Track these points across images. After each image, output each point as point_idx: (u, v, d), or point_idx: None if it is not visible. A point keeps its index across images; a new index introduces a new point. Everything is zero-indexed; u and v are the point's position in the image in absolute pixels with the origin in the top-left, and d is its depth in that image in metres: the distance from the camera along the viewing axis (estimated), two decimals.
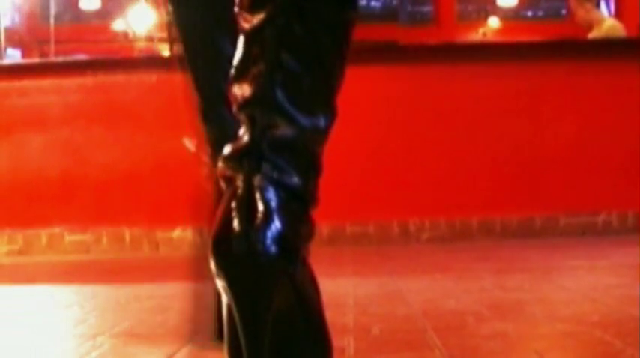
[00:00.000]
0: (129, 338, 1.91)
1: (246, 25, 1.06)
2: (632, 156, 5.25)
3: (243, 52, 1.06)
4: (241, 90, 1.04)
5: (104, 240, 5.35)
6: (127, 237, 5.33)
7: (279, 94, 1.02)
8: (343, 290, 2.68)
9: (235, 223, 0.95)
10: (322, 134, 1.06)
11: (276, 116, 1.02)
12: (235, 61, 1.06)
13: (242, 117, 1.04)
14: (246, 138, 1.02)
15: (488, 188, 5.35)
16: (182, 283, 3.41)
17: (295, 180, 1.01)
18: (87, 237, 5.36)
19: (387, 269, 2.99)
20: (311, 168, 1.05)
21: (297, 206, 1.01)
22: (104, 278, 3.94)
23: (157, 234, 5.32)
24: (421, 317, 2.08)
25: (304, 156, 1.03)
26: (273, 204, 0.97)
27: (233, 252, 0.94)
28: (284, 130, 1.01)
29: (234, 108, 1.05)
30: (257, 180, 0.98)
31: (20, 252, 5.36)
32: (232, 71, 1.06)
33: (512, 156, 5.38)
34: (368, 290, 2.28)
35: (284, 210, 0.97)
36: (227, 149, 1.03)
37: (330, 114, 1.07)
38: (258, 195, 0.96)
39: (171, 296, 2.82)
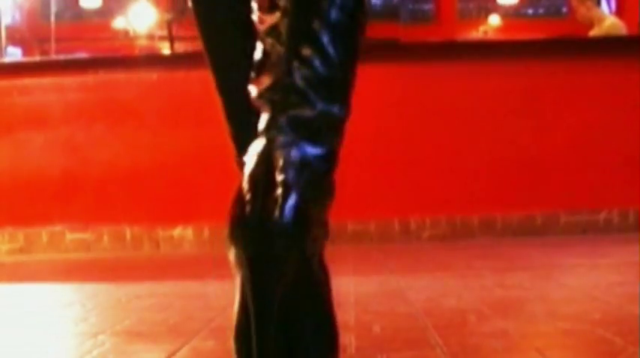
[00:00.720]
0: (130, 337, 1.91)
1: (262, 26, 1.11)
2: (633, 153, 5.24)
3: (260, 50, 1.11)
4: (260, 83, 1.09)
5: (105, 238, 5.35)
6: (128, 236, 5.33)
7: (297, 78, 1.07)
8: (344, 289, 2.68)
9: (252, 199, 1.01)
10: (338, 122, 1.10)
11: (295, 97, 1.07)
12: (254, 60, 1.11)
13: (262, 103, 1.09)
14: (265, 118, 1.07)
15: (489, 186, 5.35)
16: (182, 281, 3.41)
17: (311, 161, 1.06)
18: (88, 235, 5.36)
19: (388, 268, 2.99)
20: (329, 156, 1.09)
21: (312, 191, 1.06)
22: (105, 276, 3.94)
23: (158, 232, 5.32)
24: (422, 316, 2.07)
25: (322, 140, 1.08)
26: (289, 183, 1.02)
27: (249, 225, 1.00)
28: (303, 111, 1.06)
29: (254, 99, 1.09)
30: (275, 157, 1.04)
31: (21, 251, 5.37)
32: (251, 72, 1.11)
33: (513, 154, 5.38)
34: (369, 289, 2.28)
35: (298, 190, 1.03)
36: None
37: (345, 106, 1.11)
38: (275, 173, 1.02)
39: (172, 295, 2.82)
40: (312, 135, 1.06)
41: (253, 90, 1.10)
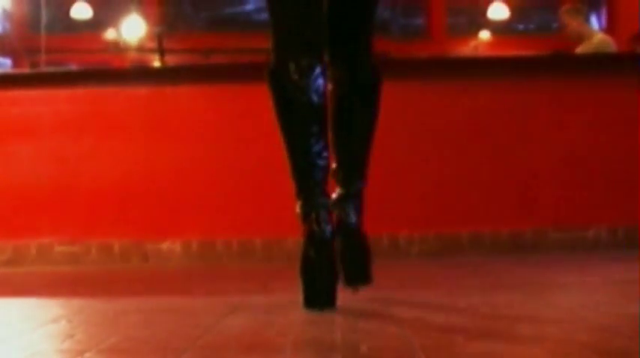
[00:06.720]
0: (116, 355, 1.90)
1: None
2: (622, 170, 5.26)
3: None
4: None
5: (93, 251, 5.34)
6: (116, 249, 5.32)
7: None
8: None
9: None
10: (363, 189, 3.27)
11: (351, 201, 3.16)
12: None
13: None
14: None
15: (478, 202, 5.35)
16: (170, 296, 3.40)
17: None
18: (76, 248, 5.35)
19: (377, 284, 2.98)
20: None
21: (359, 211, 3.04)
22: (92, 290, 3.92)
23: (146, 245, 5.31)
24: (410, 335, 2.07)
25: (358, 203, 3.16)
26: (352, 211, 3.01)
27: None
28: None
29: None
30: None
31: (9, 263, 5.35)
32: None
33: (503, 170, 5.39)
34: (357, 306, 2.27)
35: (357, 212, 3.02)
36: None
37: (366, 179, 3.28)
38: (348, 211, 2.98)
39: (159, 310, 2.81)
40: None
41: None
